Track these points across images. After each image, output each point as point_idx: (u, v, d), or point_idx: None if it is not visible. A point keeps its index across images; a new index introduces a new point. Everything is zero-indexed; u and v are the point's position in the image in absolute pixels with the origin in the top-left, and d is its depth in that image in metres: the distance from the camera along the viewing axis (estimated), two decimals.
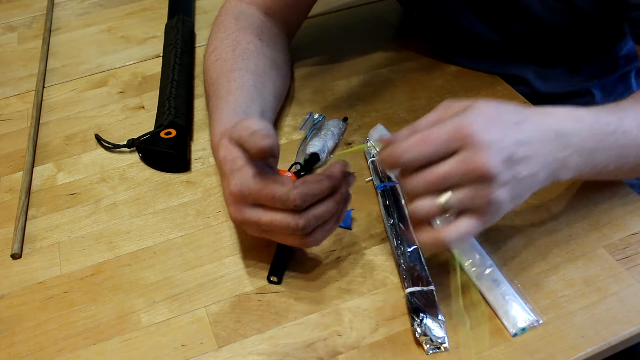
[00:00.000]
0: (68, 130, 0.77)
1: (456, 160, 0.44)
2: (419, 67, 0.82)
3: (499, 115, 0.46)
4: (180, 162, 0.70)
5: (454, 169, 0.44)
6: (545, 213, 0.61)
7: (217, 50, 0.69)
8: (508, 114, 0.47)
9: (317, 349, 0.51)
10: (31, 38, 0.97)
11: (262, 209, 0.51)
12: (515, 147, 0.45)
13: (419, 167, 0.45)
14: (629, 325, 0.51)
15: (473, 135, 0.43)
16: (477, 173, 0.43)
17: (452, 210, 0.45)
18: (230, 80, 0.65)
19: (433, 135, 0.44)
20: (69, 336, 0.54)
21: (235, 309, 0.55)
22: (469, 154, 0.43)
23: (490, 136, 0.44)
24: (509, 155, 0.44)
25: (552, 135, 0.48)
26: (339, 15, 0.95)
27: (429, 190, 0.45)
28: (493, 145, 0.44)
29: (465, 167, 0.43)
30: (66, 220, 0.65)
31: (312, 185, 0.49)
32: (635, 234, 0.58)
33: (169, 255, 0.60)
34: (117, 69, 0.88)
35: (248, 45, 0.69)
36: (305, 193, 0.49)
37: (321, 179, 0.50)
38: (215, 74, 0.67)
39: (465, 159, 0.44)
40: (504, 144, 0.44)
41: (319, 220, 0.51)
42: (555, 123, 0.49)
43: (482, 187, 0.44)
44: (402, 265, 0.56)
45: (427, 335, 0.50)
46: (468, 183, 0.44)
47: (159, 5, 1.02)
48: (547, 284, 0.55)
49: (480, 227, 0.46)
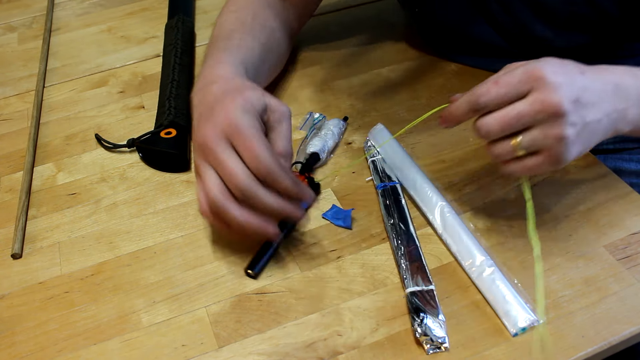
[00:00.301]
0: (68, 130, 0.77)
1: (529, 101, 0.47)
2: (419, 66, 0.82)
3: (565, 65, 0.49)
4: (180, 162, 0.70)
5: (527, 109, 0.47)
6: (545, 213, 0.61)
7: (239, 11, 0.72)
8: (572, 65, 0.50)
9: (317, 349, 0.52)
10: (31, 38, 0.97)
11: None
12: (582, 91, 0.48)
13: (494, 109, 0.48)
14: (630, 325, 0.51)
15: (544, 77, 0.47)
16: (549, 111, 0.47)
17: (527, 149, 0.49)
18: (242, 39, 0.68)
19: (506, 78, 0.48)
20: (70, 336, 0.54)
21: (236, 309, 0.55)
22: (541, 94, 0.47)
23: (559, 78, 0.47)
24: (577, 97, 0.47)
25: (612, 86, 0.50)
26: (339, 15, 0.95)
27: (504, 130, 0.48)
28: (563, 86, 0.47)
29: (537, 107, 0.47)
30: (66, 220, 0.65)
31: (281, 174, 0.50)
32: (635, 234, 0.58)
33: (169, 255, 0.60)
34: (117, 69, 0.88)
35: (265, 21, 0.73)
36: (274, 172, 0.50)
37: (287, 177, 0.51)
38: (232, 25, 0.70)
39: (537, 99, 0.47)
40: (573, 86, 0.47)
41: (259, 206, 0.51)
42: (614, 77, 0.51)
43: (553, 126, 0.47)
44: (402, 265, 0.56)
45: (428, 335, 0.50)
46: (540, 123, 0.47)
47: (159, 5, 1.02)
48: (547, 283, 0.55)
49: (550, 165, 0.49)
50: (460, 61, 0.81)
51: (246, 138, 0.50)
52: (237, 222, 0.51)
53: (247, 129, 0.50)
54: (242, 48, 0.66)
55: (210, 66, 0.62)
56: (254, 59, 0.67)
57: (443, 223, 0.59)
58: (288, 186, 0.51)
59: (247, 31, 0.69)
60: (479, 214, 0.61)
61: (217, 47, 0.66)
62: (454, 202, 0.62)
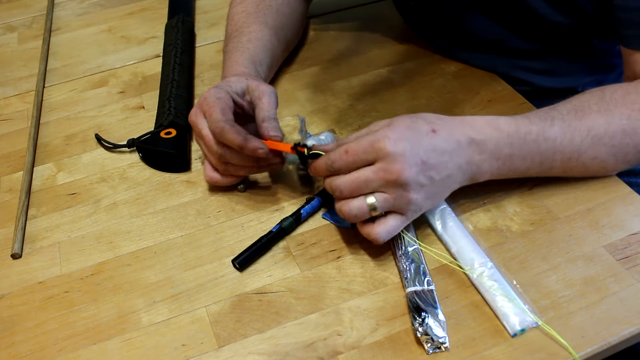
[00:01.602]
0: (68, 130, 0.77)
1: (373, 169, 0.52)
2: (418, 67, 0.82)
3: (415, 125, 0.53)
4: (180, 162, 0.70)
5: (372, 176, 0.52)
6: (545, 213, 0.61)
7: (244, 3, 0.80)
8: (425, 124, 0.53)
9: (317, 349, 0.52)
10: (31, 38, 0.97)
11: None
12: (429, 152, 0.52)
13: (346, 172, 0.53)
14: (629, 325, 0.51)
15: (385, 148, 0.51)
16: (391, 179, 0.51)
17: (379, 210, 0.53)
18: (252, 31, 0.75)
19: (354, 147, 0.52)
20: (69, 336, 0.54)
21: (236, 308, 0.55)
22: (383, 164, 0.51)
23: (400, 147, 0.51)
24: (422, 160, 0.52)
25: (467, 140, 0.54)
26: (339, 15, 0.95)
27: (353, 192, 0.53)
28: (404, 155, 0.51)
29: (381, 175, 0.51)
30: (66, 220, 0.65)
31: (231, 133, 0.58)
32: (635, 234, 0.58)
33: (169, 255, 0.60)
34: (117, 69, 0.88)
35: (270, 2, 0.79)
36: (224, 130, 0.59)
37: (239, 134, 0.58)
38: (240, 22, 0.77)
39: (380, 168, 0.51)
40: (416, 152, 0.51)
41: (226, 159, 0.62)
42: (471, 131, 0.55)
43: (400, 191, 0.52)
44: (402, 265, 0.56)
45: (428, 334, 0.50)
46: (387, 188, 0.52)
47: (159, 5, 1.02)
48: (547, 284, 0.55)
49: (404, 223, 0.55)
50: (457, 56, 0.81)
51: (208, 107, 0.61)
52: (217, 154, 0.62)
53: (210, 100, 0.61)
54: (252, 42, 0.74)
55: (228, 67, 0.71)
56: (266, 47, 0.74)
57: (442, 224, 0.59)
58: (234, 139, 0.58)
59: (254, 21, 0.76)
60: (478, 215, 0.61)
61: (231, 47, 0.74)
62: (452, 202, 0.62)
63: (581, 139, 0.57)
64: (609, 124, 0.57)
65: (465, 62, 0.81)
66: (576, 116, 0.58)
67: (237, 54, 0.72)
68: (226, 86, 0.64)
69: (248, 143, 0.58)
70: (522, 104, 0.74)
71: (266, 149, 0.58)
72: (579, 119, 0.58)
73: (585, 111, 0.58)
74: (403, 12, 0.88)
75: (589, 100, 0.59)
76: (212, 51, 0.89)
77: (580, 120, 0.58)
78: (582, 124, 0.57)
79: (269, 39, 0.75)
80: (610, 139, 0.58)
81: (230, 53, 0.73)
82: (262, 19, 0.77)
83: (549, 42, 0.76)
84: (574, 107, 0.59)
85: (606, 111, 0.58)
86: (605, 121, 0.57)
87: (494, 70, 0.80)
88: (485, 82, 0.78)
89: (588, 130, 0.57)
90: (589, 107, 0.58)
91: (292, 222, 0.61)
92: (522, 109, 0.73)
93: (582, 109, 0.58)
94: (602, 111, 0.58)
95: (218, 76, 0.84)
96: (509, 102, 0.75)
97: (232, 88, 0.64)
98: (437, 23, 0.82)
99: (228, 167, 0.63)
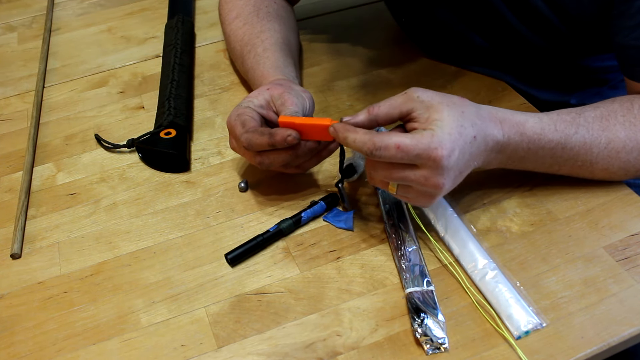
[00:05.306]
0: (68, 130, 0.77)
1: (416, 175, 0.52)
2: (418, 67, 0.82)
3: (464, 131, 0.52)
4: (180, 162, 0.70)
5: (411, 177, 0.52)
6: (545, 213, 0.61)
7: (241, 16, 0.78)
8: (470, 128, 0.53)
9: (316, 350, 0.52)
10: (31, 38, 0.97)
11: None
12: (465, 163, 0.53)
13: (384, 161, 0.53)
14: (629, 326, 0.51)
15: (440, 161, 0.50)
16: (428, 186, 0.52)
17: (396, 194, 0.55)
18: (264, 39, 0.74)
19: (409, 147, 0.51)
20: (69, 336, 0.54)
21: (235, 309, 0.55)
22: (428, 173, 0.51)
23: (451, 163, 0.51)
24: (459, 173, 0.53)
25: (492, 144, 0.55)
26: (339, 15, 0.95)
27: (387, 179, 0.54)
28: (450, 170, 0.52)
29: (422, 182, 0.52)
30: (66, 220, 0.65)
31: (256, 138, 0.58)
32: (635, 235, 0.58)
33: (168, 256, 0.60)
34: (117, 69, 0.88)
35: (268, 8, 0.78)
36: (249, 140, 0.59)
37: (263, 135, 0.58)
38: (246, 36, 0.76)
39: (423, 175, 0.52)
40: (458, 167, 0.52)
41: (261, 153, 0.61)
42: (499, 132, 0.55)
43: (429, 193, 0.53)
44: (402, 266, 0.56)
45: (428, 335, 0.50)
46: (418, 186, 0.53)
47: (159, 5, 1.02)
48: (547, 285, 0.55)
49: (419, 202, 0.56)
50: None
51: (232, 127, 0.61)
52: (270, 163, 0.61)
53: (231, 122, 0.61)
54: (268, 50, 0.73)
55: (257, 82, 0.71)
56: (283, 49, 0.74)
57: (444, 225, 0.59)
58: (261, 142, 0.58)
59: (261, 29, 0.75)
60: (479, 216, 0.61)
61: (250, 63, 0.73)
62: (454, 203, 0.62)
63: (598, 150, 0.58)
64: (630, 139, 0.58)
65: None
66: (601, 125, 0.58)
67: (259, 67, 0.71)
68: (246, 102, 0.63)
69: (275, 137, 0.57)
70: (523, 104, 0.74)
71: (294, 134, 0.57)
72: (602, 129, 0.58)
73: (611, 121, 0.58)
74: (399, 24, 0.88)
75: (617, 110, 0.59)
76: (212, 51, 0.89)
77: (604, 131, 0.58)
78: (604, 135, 0.58)
79: (282, 41, 0.75)
80: (626, 154, 0.58)
81: (252, 70, 0.72)
82: (268, 25, 0.76)
83: (536, 59, 0.76)
84: (601, 114, 0.59)
85: (630, 125, 0.58)
86: (627, 136, 0.58)
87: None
88: (485, 82, 0.78)
89: (607, 142, 0.58)
90: (615, 118, 0.58)
91: (291, 224, 0.61)
92: (523, 110, 0.73)
93: (607, 118, 0.58)
94: (626, 124, 0.58)
95: (218, 76, 0.84)
96: (509, 103, 0.75)
97: (253, 102, 0.62)
98: (428, 38, 0.83)
99: (288, 168, 0.62)
